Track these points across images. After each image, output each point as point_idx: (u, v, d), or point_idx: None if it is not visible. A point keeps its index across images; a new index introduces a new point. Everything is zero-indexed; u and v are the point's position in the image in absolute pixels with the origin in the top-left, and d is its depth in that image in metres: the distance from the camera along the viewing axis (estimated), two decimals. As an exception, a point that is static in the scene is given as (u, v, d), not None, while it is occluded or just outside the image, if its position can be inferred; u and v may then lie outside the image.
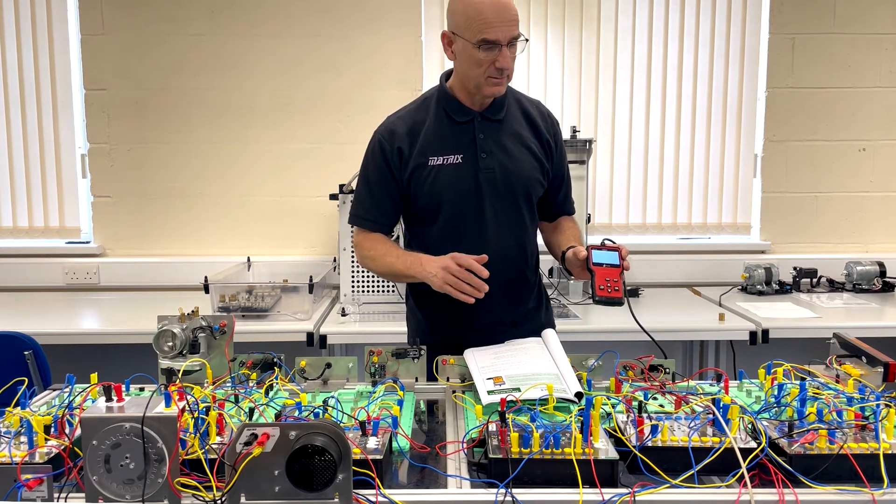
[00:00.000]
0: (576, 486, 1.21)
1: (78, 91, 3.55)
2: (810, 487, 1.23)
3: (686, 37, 3.61)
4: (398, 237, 2.98)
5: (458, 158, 1.96)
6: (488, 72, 1.88)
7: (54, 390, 1.79)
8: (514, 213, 2.02)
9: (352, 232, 2.19)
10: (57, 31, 3.52)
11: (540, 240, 2.18)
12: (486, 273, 1.78)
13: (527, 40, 1.91)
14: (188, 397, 1.37)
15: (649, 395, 1.57)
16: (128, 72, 3.51)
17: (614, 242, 1.90)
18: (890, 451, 1.28)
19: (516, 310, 2.05)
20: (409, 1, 3.52)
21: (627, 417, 1.41)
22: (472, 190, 1.96)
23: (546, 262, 2.32)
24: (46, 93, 3.55)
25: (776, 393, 1.55)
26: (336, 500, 1.16)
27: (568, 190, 2.17)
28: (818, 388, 1.58)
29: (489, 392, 1.61)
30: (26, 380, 1.54)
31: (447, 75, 2.06)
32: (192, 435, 1.28)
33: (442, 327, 2.03)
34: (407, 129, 2.00)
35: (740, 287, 3.43)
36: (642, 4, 3.58)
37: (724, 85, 3.64)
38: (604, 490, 1.21)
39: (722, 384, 1.66)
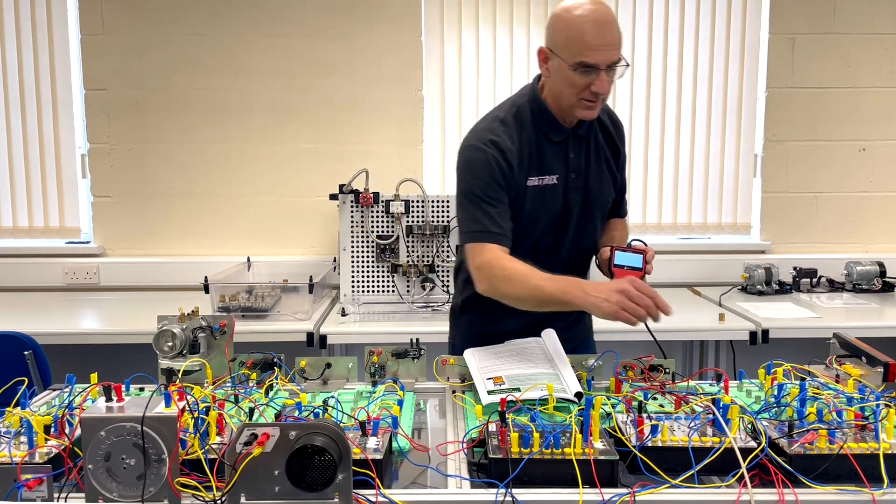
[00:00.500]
0: (576, 486, 1.21)
1: (78, 91, 3.55)
2: (810, 487, 1.23)
3: (686, 37, 3.61)
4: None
5: (553, 179, 1.89)
6: (583, 94, 1.79)
7: (54, 390, 1.79)
8: (591, 229, 2.00)
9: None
10: (57, 31, 3.52)
11: None
12: (669, 310, 1.60)
13: (627, 65, 1.82)
14: (188, 397, 1.37)
15: (649, 395, 1.57)
16: (128, 72, 3.51)
17: (644, 244, 1.87)
18: (890, 451, 1.28)
19: (567, 316, 2.03)
20: (409, 1, 3.52)
21: (627, 417, 1.41)
22: (561, 210, 1.92)
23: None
24: (46, 93, 3.55)
25: (776, 393, 1.55)
26: (336, 500, 1.16)
27: (624, 194, 2.14)
28: (818, 388, 1.58)
29: (489, 392, 1.61)
30: (26, 380, 1.54)
31: (538, 79, 1.94)
32: (192, 435, 1.28)
33: (489, 334, 1.96)
34: (514, 147, 1.86)
35: (740, 287, 3.43)
36: (642, 4, 3.58)
37: (724, 85, 3.64)
38: (604, 490, 1.21)
39: (722, 384, 1.66)
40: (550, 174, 1.89)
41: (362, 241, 3.20)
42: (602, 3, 1.81)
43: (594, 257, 2.02)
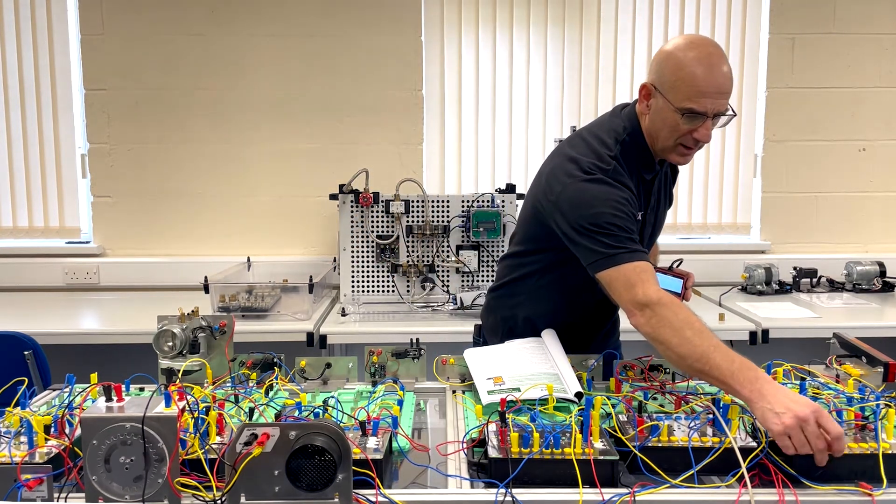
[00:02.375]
0: (576, 486, 1.22)
1: (78, 91, 3.55)
2: (810, 487, 1.23)
3: (686, 37, 3.61)
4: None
5: (640, 216, 1.82)
6: (682, 140, 1.73)
7: (54, 390, 1.79)
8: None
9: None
10: (57, 31, 3.52)
11: None
12: (841, 452, 1.29)
13: (734, 114, 1.72)
14: (188, 397, 1.38)
15: (649, 395, 1.57)
16: (128, 72, 3.51)
17: (681, 267, 1.86)
18: (890, 451, 1.29)
19: (600, 331, 2.03)
20: (409, 1, 3.52)
21: (627, 417, 1.41)
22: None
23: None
24: (46, 93, 3.55)
25: (776, 393, 1.54)
26: (336, 500, 1.16)
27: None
28: (818, 388, 1.58)
29: (489, 392, 1.61)
30: (26, 380, 1.54)
31: (635, 114, 1.81)
32: (192, 435, 1.28)
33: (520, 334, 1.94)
34: (632, 185, 1.76)
35: (740, 287, 3.43)
36: (642, 4, 3.58)
37: (724, 85, 3.64)
38: (604, 490, 1.21)
39: (722, 384, 1.66)
40: (640, 210, 1.81)
41: (362, 241, 3.20)
42: (717, 45, 1.70)
43: None
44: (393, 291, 3.19)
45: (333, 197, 3.18)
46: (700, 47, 1.68)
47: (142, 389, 1.73)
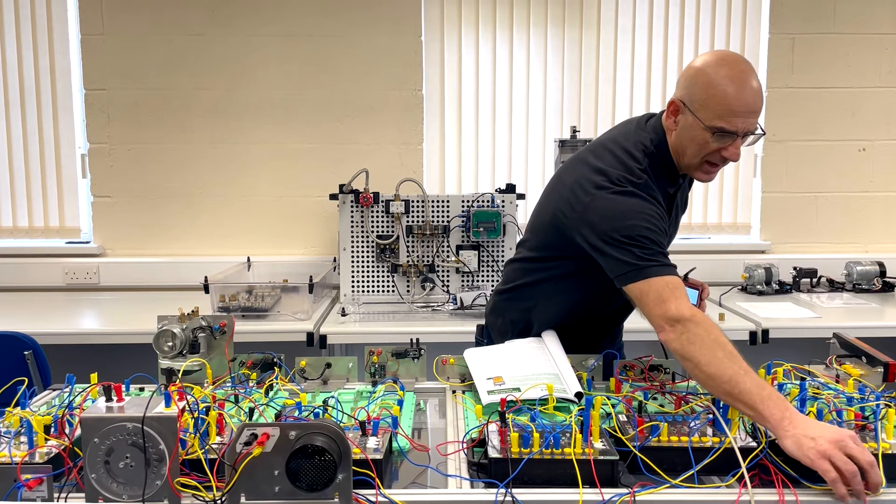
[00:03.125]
0: (576, 486, 1.22)
1: (78, 91, 3.55)
2: (810, 487, 1.23)
3: (686, 37, 3.61)
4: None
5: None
6: (710, 157, 1.71)
7: (54, 390, 1.79)
8: None
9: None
10: (57, 31, 3.52)
11: None
12: (877, 488, 1.25)
13: (763, 133, 1.71)
14: (188, 397, 1.37)
15: (649, 395, 1.57)
16: (128, 72, 3.51)
17: (692, 276, 1.85)
18: (890, 451, 1.29)
19: (607, 335, 2.03)
20: (409, 1, 3.52)
21: (627, 417, 1.41)
22: None
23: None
24: (46, 93, 3.55)
25: (776, 393, 1.55)
26: (336, 500, 1.16)
27: None
28: (818, 388, 1.58)
29: (489, 392, 1.61)
30: (26, 380, 1.54)
31: (661, 126, 1.79)
32: (192, 435, 1.28)
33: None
34: (660, 198, 1.74)
35: (740, 287, 3.43)
36: (642, 4, 3.57)
37: (724, 85, 3.64)
38: (604, 490, 1.21)
39: (722, 384, 1.66)
40: (667, 225, 1.78)
41: (362, 241, 3.20)
42: (748, 63, 1.68)
43: None
44: (393, 291, 3.19)
45: (333, 197, 3.18)
46: (732, 65, 1.65)
47: (142, 389, 1.73)
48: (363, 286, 3.20)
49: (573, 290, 1.87)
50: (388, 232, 3.19)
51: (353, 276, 3.20)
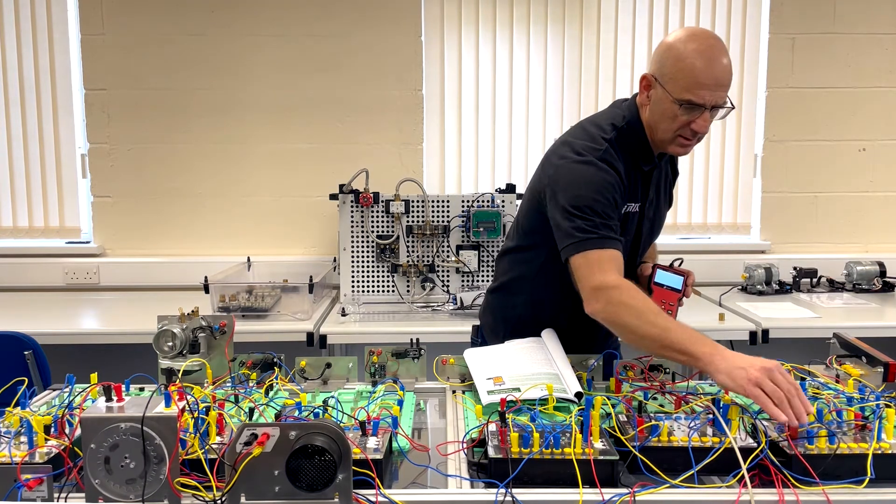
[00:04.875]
0: (576, 486, 1.22)
1: (78, 91, 3.55)
2: (810, 487, 1.23)
3: (686, 37, 3.61)
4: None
5: (635, 207, 1.86)
6: (681, 131, 1.74)
7: (54, 390, 1.79)
8: (644, 252, 2.02)
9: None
10: (57, 31, 3.52)
11: None
12: (805, 419, 1.31)
13: (732, 107, 1.74)
14: (188, 397, 1.37)
15: (649, 395, 1.57)
16: (128, 72, 3.51)
17: (682, 265, 1.87)
18: (890, 451, 1.28)
19: (601, 330, 2.04)
20: (409, 1, 3.52)
21: (627, 417, 1.41)
22: (633, 238, 1.91)
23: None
24: (46, 93, 3.55)
25: (776, 393, 1.55)
26: (336, 500, 1.16)
27: None
28: (818, 388, 1.58)
29: (489, 392, 1.61)
30: (26, 380, 1.54)
31: (635, 105, 1.84)
32: (192, 435, 1.28)
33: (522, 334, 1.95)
34: (621, 167, 1.78)
35: (740, 287, 3.43)
36: (642, 4, 3.57)
37: (724, 85, 3.64)
38: (604, 490, 1.21)
39: (722, 384, 1.66)
40: (634, 202, 1.85)
41: (362, 241, 3.20)
42: (717, 38, 1.71)
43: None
44: (393, 291, 3.19)
45: (333, 197, 3.18)
46: (700, 39, 1.69)
47: (142, 389, 1.73)
48: (363, 286, 3.20)
49: (558, 278, 1.86)
50: (388, 232, 3.19)
51: (353, 276, 3.20)
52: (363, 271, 3.20)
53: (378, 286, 3.20)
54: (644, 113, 1.80)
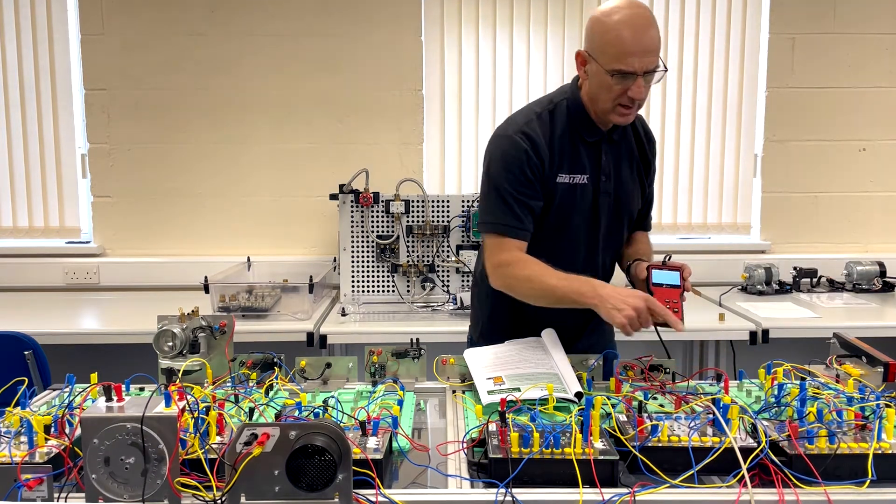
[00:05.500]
0: (576, 486, 1.21)
1: (78, 91, 3.55)
2: (810, 487, 1.23)
3: (686, 37, 3.61)
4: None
5: (583, 179, 1.89)
6: (619, 100, 1.79)
7: (54, 390, 1.79)
8: (618, 234, 2.01)
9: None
10: (57, 31, 3.52)
11: None
12: (681, 327, 1.68)
13: (666, 70, 1.79)
14: (188, 397, 1.37)
15: (649, 395, 1.57)
16: (128, 72, 3.51)
17: (671, 259, 1.87)
18: (890, 451, 1.28)
19: (589, 320, 2.02)
20: (409, 1, 3.52)
21: (627, 417, 1.41)
22: (590, 212, 1.92)
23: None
24: (46, 93, 3.55)
25: (776, 393, 1.55)
26: (336, 500, 1.16)
27: (650, 208, 2.14)
28: (818, 388, 1.58)
29: (489, 392, 1.61)
30: (26, 380, 1.54)
31: (577, 79, 1.92)
32: (192, 435, 1.28)
33: (508, 328, 1.98)
34: (545, 139, 1.86)
35: (740, 287, 3.43)
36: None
37: (724, 85, 3.64)
38: (604, 490, 1.21)
39: (722, 384, 1.66)
40: (581, 173, 1.89)
41: (362, 241, 3.20)
42: (642, 6, 1.77)
43: (626, 271, 2.02)
44: (393, 291, 3.19)
45: (333, 197, 3.18)
46: (623, 10, 1.75)
47: (142, 389, 1.72)
48: (363, 286, 3.20)
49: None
50: (388, 232, 3.19)
51: (353, 276, 3.20)
52: (363, 271, 3.20)
53: (378, 286, 3.20)
54: (584, 88, 1.87)
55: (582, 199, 1.89)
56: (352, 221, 3.19)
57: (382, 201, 3.16)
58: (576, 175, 1.88)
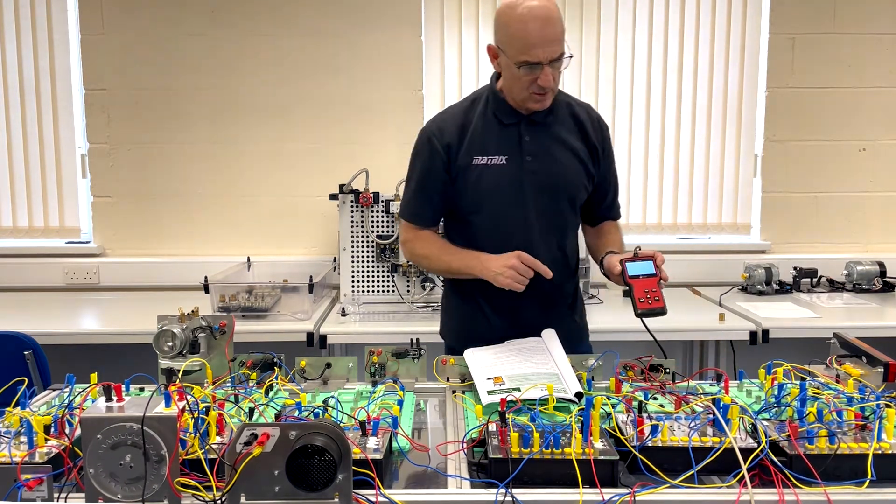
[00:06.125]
0: (576, 486, 1.21)
1: (78, 91, 3.55)
2: (810, 487, 1.23)
3: (686, 36, 3.61)
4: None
5: (502, 160, 1.96)
6: (531, 89, 1.87)
7: (54, 390, 1.79)
8: (557, 216, 2.03)
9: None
10: (57, 31, 3.52)
11: (582, 243, 2.20)
12: (550, 274, 1.87)
13: (571, 56, 1.87)
14: (188, 397, 1.37)
15: (649, 395, 1.57)
16: (128, 72, 3.51)
17: (641, 250, 1.88)
18: (890, 451, 1.28)
19: (551, 311, 2.04)
20: (409, 1, 3.52)
21: (627, 417, 1.41)
22: (516, 192, 1.97)
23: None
24: (46, 93, 3.55)
25: (776, 393, 1.55)
26: (336, 500, 1.16)
27: (614, 195, 2.16)
28: (818, 388, 1.58)
29: (489, 392, 1.61)
30: (26, 380, 1.54)
31: (497, 76, 2.03)
32: (192, 435, 1.28)
33: (474, 325, 2.06)
34: (457, 128, 2.00)
35: (740, 287, 3.43)
36: (642, 4, 3.57)
37: (724, 85, 3.64)
38: (604, 490, 1.21)
39: (722, 384, 1.66)
40: (498, 155, 1.97)
41: (362, 241, 3.20)
42: None
43: (599, 264, 2.03)
44: (393, 291, 3.19)
45: (333, 197, 3.18)
46: (525, 3, 1.80)
47: (142, 389, 1.73)
48: (363, 286, 3.20)
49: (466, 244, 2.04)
50: (388, 232, 3.19)
51: (353, 276, 3.20)
52: (363, 271, 3.20)
53: (378, 286, 3.20)
54: (501, 80, 1.98)
55: (501, 177, 1.96)
56: (352, 221, 3.19)
57: (382, 201, 3.16)
58: (493, 157, 1.96)
